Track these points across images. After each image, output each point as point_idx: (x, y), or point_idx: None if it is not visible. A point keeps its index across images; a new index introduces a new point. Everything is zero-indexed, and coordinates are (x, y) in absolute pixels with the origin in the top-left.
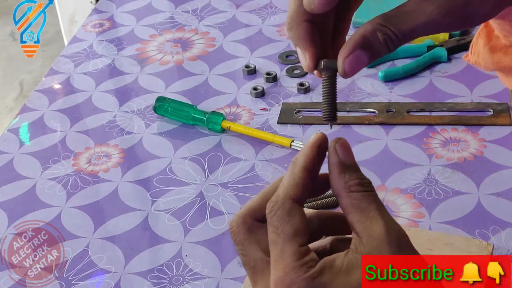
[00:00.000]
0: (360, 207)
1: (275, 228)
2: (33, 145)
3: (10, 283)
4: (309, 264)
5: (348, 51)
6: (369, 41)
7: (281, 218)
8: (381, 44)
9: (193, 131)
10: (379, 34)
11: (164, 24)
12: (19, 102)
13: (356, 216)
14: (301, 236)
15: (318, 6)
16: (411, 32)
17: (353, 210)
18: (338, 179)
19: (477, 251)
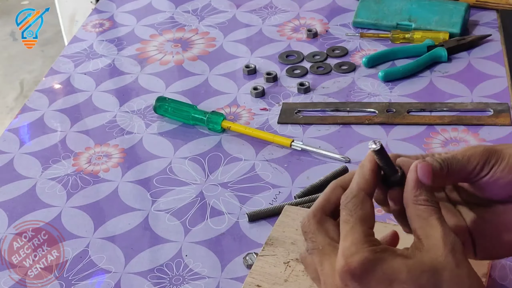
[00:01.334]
0: (423, 216)
1: (349, 211)
2: (33, 145)
3: (10, 283)
4: (374, 242)
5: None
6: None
7: (355, 203)
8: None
9: (193, 131)
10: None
11: (164, 24)
12: (19, 102)
13: (418, 223)
14: (369, 222)
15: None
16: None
17: (416, 218)
18: (410, 192)
19: None
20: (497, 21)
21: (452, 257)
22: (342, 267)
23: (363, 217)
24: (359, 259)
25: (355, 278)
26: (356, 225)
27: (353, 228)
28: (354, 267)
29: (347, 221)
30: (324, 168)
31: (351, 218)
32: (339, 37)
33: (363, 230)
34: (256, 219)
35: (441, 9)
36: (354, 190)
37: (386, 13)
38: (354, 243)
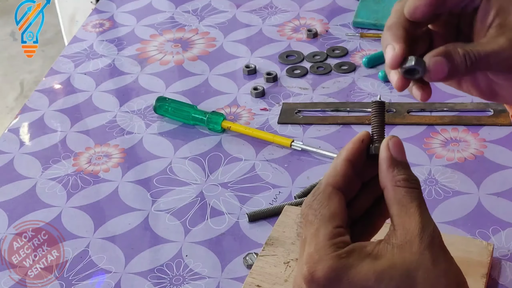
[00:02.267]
0: (402, 202)
1: (313, 210)
2: (33, 145)
3: (10, 283)
4: (339, 245)
5: (434, 53)
6: (450, 53)
7: (320, 201)
8: (461, 58)
9: (193, 131)
10: (460, 50)
11: (165, 24)
12: (20, 102)
13: (397, 210)
14: (337, 220)
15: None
16: (486, 56)
17: (395, 204)
18: (386, 172)
19: (477, 251)
20: None
21: (428, 253)
22: (305, 276)
23: (329, 216)
24: (322, 268)
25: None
26: (320, 227)
27: (317, 230)
28: (318, 277)
29: (312, 222)
30: (324, 168)
31: (315, 219)
32: (339, 37)
33: (328, 232)
34: (256, 219)
35: None
36: (322, 185)
37: (386, 13)
38: (317, 249)
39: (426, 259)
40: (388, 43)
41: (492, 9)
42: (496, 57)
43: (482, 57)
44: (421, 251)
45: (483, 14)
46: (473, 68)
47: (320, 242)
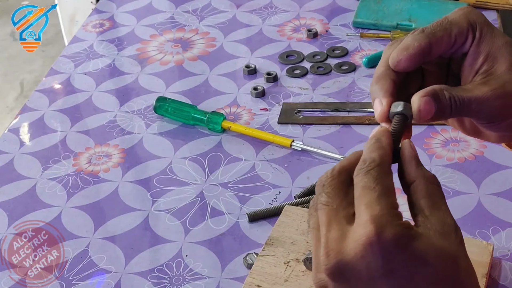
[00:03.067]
0: (434, 197)
1: (373, 178)
2: (33, 145)
3: (10, 283)
4: (400, 216)
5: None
6: (438, 94)
7: (380, 172)
8: (447, 101)
9: (193, 131)
10: (446, 93)
11: (165, 24)
12: (20, 102)
13: (429, 202)
14: (394, 195)
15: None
16: (468, 103)
17: (427, 197)
18: (416, 168)
19: (477, 251)
20: (497, 21)
21: (462, 247)
22: (369, 235)
23: (390, 188)
24: (393, 232)
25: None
26: (383, 194)
27: (380, 196)
28: (386, 239)
29: (372, 188)
30: (324, 168)
31: (376, 186)
32: (339, 37)
33: (392, 201)
34: (256, 219)
35: (441, 9)
36: (377, 159)
37: (386, 13)
38: (384, 214)
39: (462, 251)
40: (376, 97)
41: (481, 55)
42: (478, 105)
43: (465, 103)
44: (458, 243)
45: (472, 59)
46: (457, 113)
47: (386, 208)
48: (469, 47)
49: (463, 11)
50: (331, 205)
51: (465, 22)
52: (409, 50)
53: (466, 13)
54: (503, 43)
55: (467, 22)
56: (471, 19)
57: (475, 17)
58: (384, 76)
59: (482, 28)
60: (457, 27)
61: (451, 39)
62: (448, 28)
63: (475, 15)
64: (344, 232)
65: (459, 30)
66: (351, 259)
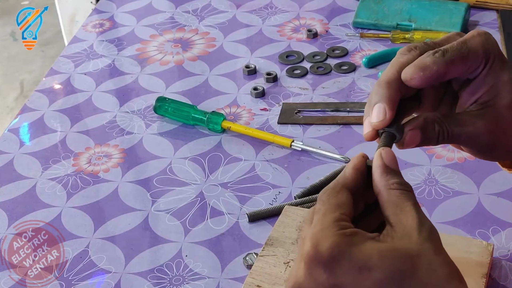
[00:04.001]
0: (396, 203)
1: (322, 201)
2: (33, 145)
3: (10, 283)
4: (344, 226)
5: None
6: (427, 127)
7: (329, 194)
8: (435, 134)
9: (193, 131)
10: (436, 126)
11: (165, 24)
12: (20, 102)
13: (392, 209)
14: (344, 208)
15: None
16: (458, 136)
17: (390, 205)
18: (380, 178)
19: (477, 251)
20: (497, 21)
21: (429, 244)
22: (307, 252)
23: (335, 204)
24: (327, 244)
25: (321, 265)
26: (327, 212)
27: (324, 215)
28: (321, 252)
29: (319, 210)
30: (324, 168)
31: (322, 207)
32: (339, 37)
33: (334, 216)
34: (256, 219)
35: (441, 9)
36: (331, 184)
37: (386, 13)
38: (322, 229)
39: (427, 249)
40: (378, 101)
41: (485, 86)
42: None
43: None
44: (421, 242)
45: (475, 87)
46: (445, 142)
47: (326, 223)
48: (478, 75)
49: (481, 38)
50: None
51: (481, 51)
52: (426, 72)
53: (483, 41)
54: (509, 78)
55: (483, 51)
56: (487, 48)
57: (491, 47)
58: (393, 83)
59: (494, 59)
60: (474, 55)
61: (466, 66)
62: (466, 55)
63: (491, 44)
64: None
65: (475, 59)
66: (303, 279)
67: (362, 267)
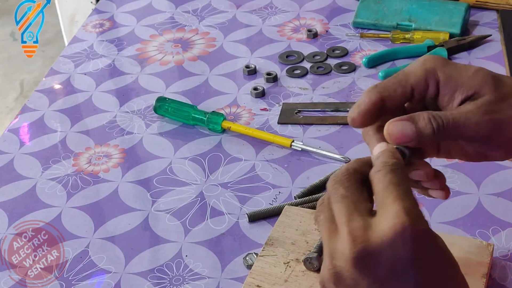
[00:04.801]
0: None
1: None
2: (33, 145)
3: (10, 283)
4: None
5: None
6: (414, 117)
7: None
8: (425, 121)
9: (193, 131)
10: (425, 114)
11: (165, 24)
12: (20, 102)
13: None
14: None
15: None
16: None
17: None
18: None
19: (477, 251)
20: (497, 21)
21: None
22: (404, 225)
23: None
24: (425, 225)
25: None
26: (408, 192)
27: (407, 192)
28: (420, 231)
29: (398, 185)
30: (324, 168)
31: (402, 184)
32: (339, 37)
33: (415, 200)
34: (256, 219)
35: (441, 9)
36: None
37: (386, 13)
38: (415, 207)
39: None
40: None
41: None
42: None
43: (450, 123)
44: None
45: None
46: (443, 134)
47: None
48: (436, 89)
49: (420, 61)
50: (350, 197)
51: (421, 70)
52: (360, 107)
53: (422, 62)
54: (473, 71)
55: (423, 70)
56: (428, 66)
57: (432, 63)
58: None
59: (443, 69)
60: (413, 76)
61: (406, 89)
62: (402, 79)
63: (431, 61)
64: (368, 222)
65: (416, 79)
66: (378, 247)
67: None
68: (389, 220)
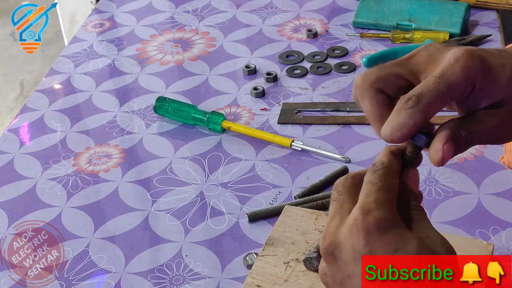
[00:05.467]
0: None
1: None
2: (33, 145)
3: (10, 283)
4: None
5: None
6: (455, 136)
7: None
8: (463, 140)
9: (193, 131)
10: (462, 132)
11: (165, 24)
12: (20, 102)
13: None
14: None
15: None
16: (481, 135)
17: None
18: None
19: (478, 251)
20: (497, 21)
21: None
22: (356, 217)
23: (391, 187)
24: (377, 215)
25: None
26: (382, 189)
27: (379, 189)
28: (369, 221)
29: (374, 183)
30: (324, 168)
31: (379, 182)
32: (339, 37)
33: (389, 196)
34: (256, 219)
35: (441, 9)
36: (386, 162)
37: (386, 13)
38: (375, 201)
39: None
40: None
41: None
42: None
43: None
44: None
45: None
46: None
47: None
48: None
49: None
50: (338, 200)
51: (463, 80)
52: (403, 131)
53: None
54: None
55: (464, 79)
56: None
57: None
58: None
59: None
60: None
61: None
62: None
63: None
64: (343, 220)
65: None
66: (341, 240)
67: (398, 248)
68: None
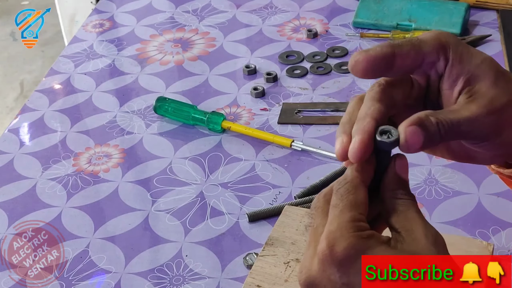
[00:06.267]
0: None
1: (339, 195)
2: (33, 145)
3: (10, 283)
4: (361, 227)
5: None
6: (424, 122)
7: (347, 189)
8: (434, 127)
9: (193, 131)
10: (432, 118)
11: (165, 24)
12: (20, 102)
13: (395, 217)
14: (361, 208)
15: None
16: (458, 124)
17: (394, 213)
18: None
19: (478, 251)
20: (497, 21)
21: (435, 248)
22: (323, 251)
23: (354, 202)
24: (343, 245)
25: (335, 264)
26: (345, 209)
27: (341, 212)
28: (337, 252)
29: (336, 205)
30: (324, 168)
31: (340, 203)
32: (339, 37)
33: (352, 215)
34: (256, 219)
35: (441, 9)
36: (349, 176)
37: (386, 13)
38: (339, 228)
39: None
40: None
41: (460, 76)
42: (468, 126)
43: (454, 126)
44: (428, 246)
45: (450, 82)
46: (447, 137)
47: (343, 222)
48: (444, 68)
49: (434, 32)
50: (312, 225)
51: (436, 41)
52: (368, 52)
53: (437, 34)
54: (482, 60)
55: (437, 41)
56: (443, 39)
57: (447, 38)
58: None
59: (456, 48)
60: (427, 45)
61: (418, 55)
62: (416, 44)
63: (446, 36)
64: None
65: (429, 49)
66: (316, 274)
67: None
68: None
